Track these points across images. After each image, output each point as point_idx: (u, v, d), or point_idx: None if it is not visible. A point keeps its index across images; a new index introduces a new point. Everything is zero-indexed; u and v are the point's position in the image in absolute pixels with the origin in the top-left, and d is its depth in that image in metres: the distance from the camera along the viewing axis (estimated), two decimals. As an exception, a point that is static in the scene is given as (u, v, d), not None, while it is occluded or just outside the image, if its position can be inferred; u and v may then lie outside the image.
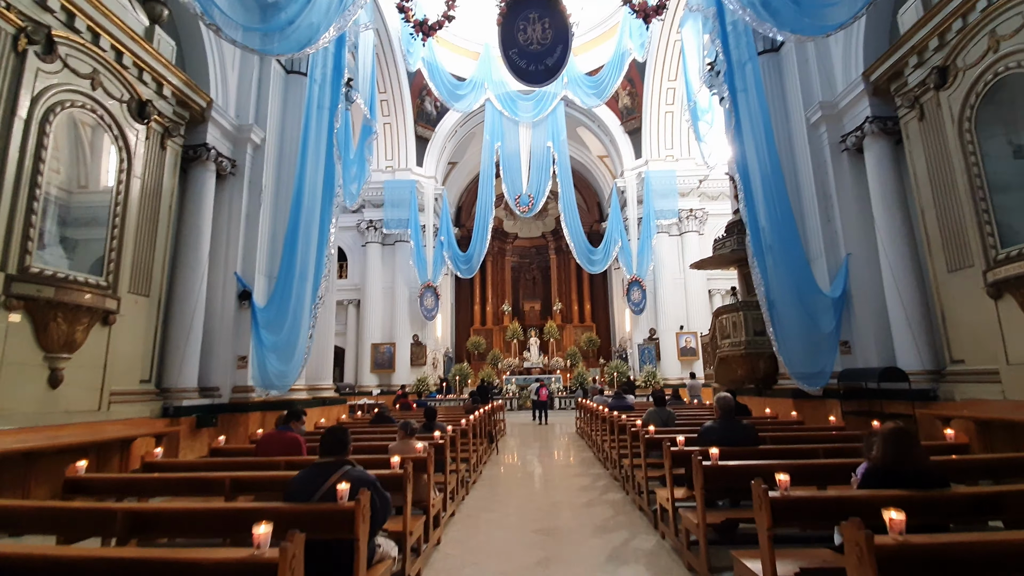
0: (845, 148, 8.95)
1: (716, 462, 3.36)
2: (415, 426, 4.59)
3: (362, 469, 2.67)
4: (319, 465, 2.62)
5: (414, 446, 4.23)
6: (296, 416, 4.90)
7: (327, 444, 2.69)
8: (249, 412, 8.52)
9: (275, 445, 4.57)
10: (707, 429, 4.25)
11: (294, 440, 4.69)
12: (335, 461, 2.63)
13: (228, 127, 8.99)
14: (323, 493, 2.47)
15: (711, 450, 3.42)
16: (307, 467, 2.65)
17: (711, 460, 3.37)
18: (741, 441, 4.07)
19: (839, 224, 8.84)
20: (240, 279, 8.86)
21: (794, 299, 8.59)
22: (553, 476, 7.50)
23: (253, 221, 9.19)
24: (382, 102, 22.13)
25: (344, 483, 2.42)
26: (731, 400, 4.29)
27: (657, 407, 6.51)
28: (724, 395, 4.35)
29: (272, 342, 8.80)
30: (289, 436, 4.71)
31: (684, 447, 4.08)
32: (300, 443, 4.67)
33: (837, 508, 2.31)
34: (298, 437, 4.72)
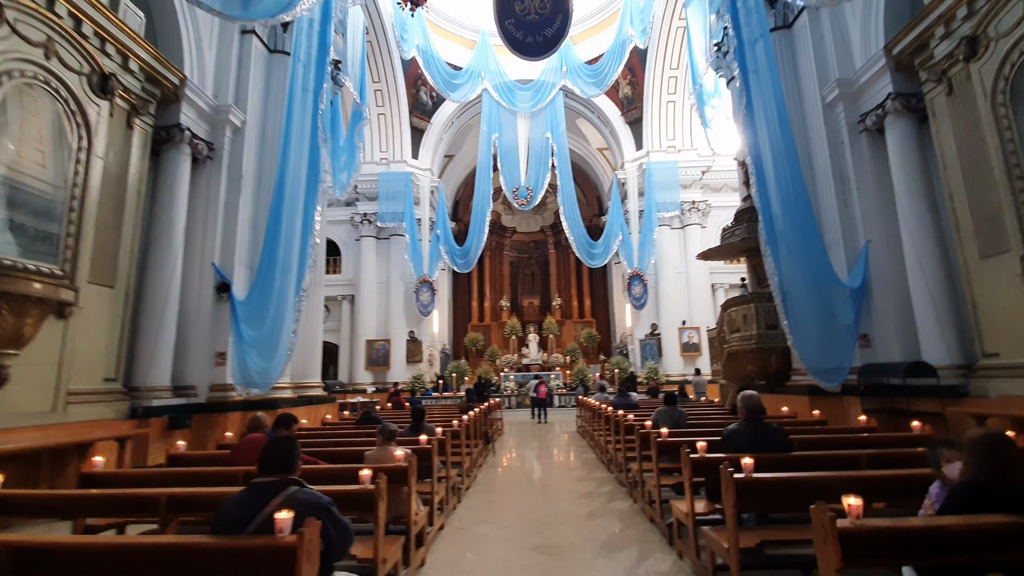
0: (864, 128, 8.38)
1: (750, 474, 2.81)
2: (395, 430, 4.03)
3: (312, 491, 2.10)
4: (256, 487, 2.05)
5: (394, 453, 3.66)
6: (286, 423, 4.31)
7: (267, 459, 2.12)
8: (228, 412, 7.96)
9: (254, 453, 3.98)
10: (732, 432, 3.70)
11: None
12: (277, 481, 2.06)
13: (205, 108, 8.40)
14: (258, 524, 1.91)
15: (744, 460, 2.87)
16: (242, 489, 2.09)
17: (744, 472, 2.82)
18: (771, 447, 3.52)
19: (857, 209, 8.27)
20: (218, 270, 8.28)
21: (810, 289, 8.04)
22: (554, 481, 6.95)
23: (232, 208, 8.61)
24: (376, 91, 21.53)
25: (286, 511, 1.87)
26: (758, 400, 3.74)
27: (667, 406, 5.95)
28: (750, 393, 3.79)
29: (253, 337, 8.23)
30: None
31: (706, 454, 3.53)
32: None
33: (932, 543, 1.76)
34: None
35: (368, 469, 2.92)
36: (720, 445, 3.70)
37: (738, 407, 3.83)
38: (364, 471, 2.91)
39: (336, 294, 21.32)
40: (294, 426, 4.35)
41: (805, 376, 8.51)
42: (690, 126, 21.55)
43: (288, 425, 4.27)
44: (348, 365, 20.74)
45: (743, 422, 3.72)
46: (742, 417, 3.78)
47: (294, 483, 2.08)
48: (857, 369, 7.81)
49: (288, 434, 4.15)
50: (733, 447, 3.56)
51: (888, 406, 7.45)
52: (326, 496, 2.10)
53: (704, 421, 6.47)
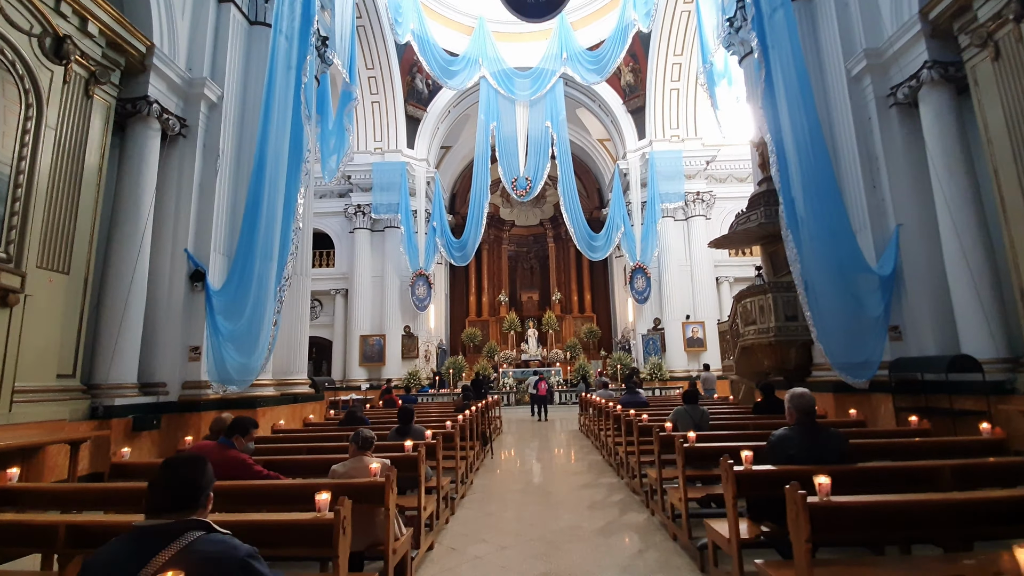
0: (895, 102, 7.72)
1: (827, 497, 2.15)
2: (371, 436, 3.37)
3: (224, 539, 1.42)
4: (142, 532, 1.39)
5: (368, 466, 3.00)
6: (243, 429, 3.64)
7: (157, 492, 1.45)
8: (202, 412, 7.29)
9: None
10: (781, 439, 3.04)
11: (236, 462, 3.41)
12: (170, 525, 1.39)
13: (176, 80, 7.70)
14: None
15: (819, 479, 2.21)
16: (120, 537, 1.42)
17: (820, 494, 2.17)
18: (827, 456, 2.88)
19: (887, 190, 7.62)
20: (191, 257, 7.60)
21: (835, 278, 7.41)
22: (558, 487, 6.29)
23: (208, 190, 7.92)
24: (369, 78, 20.81)
25: (172, 573, 1.22)
26: (812, 399, 3.09)
27: (687, 405, 5.29)
28: (801, 391, 3.14)
29: (230, 330, 7.56)
30: (231, 455, 3.45)
31: (752, 466, 2.88)
32: (245, 465, 3.43)
33: None
34: (243, 458, 3.47)
35: (326, 492, 2.26)
36: (767, 454, 3.05)
37: (787, 409, 3.17)
38: (321, 495, 2.25)
39: (329, 288, 20.68)
40: (252, 432, 3.68)
41: (829, 372, 7.89)
42: (694, 114, 20.90)
43: (245, 431, 3.60)
44: (342, 361, 20.12)
45: (794, 426, 3.07)
46: (791, 420, 3.13)
47: (197, 527, 1.42)
48: (888, 364, 7.17)
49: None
50: (783, 457, 2.92)
51: (923, 404, 6.82)
52: (246, 546, 1.44)
53: (728, 422, 5.80)
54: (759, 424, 5.44)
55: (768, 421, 5.50)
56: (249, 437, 3.60)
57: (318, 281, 20.97)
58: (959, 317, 6.75)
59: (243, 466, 3.36)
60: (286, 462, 3.89)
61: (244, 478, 3.36)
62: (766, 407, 6.17)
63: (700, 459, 3.78)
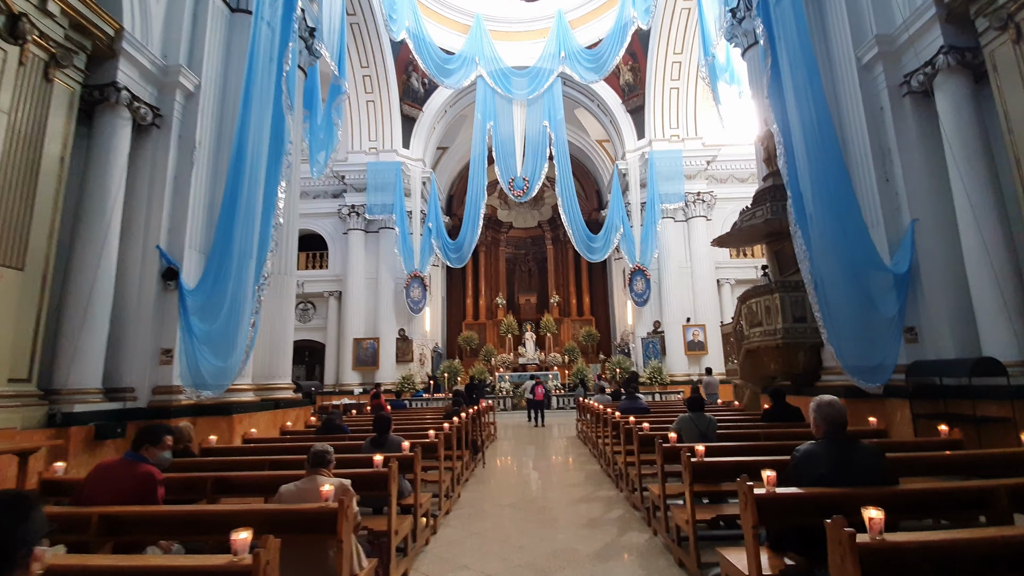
0: (908, 91, 7.31)
1: (880, 536, 1.71)
2: (326, 452, 2.90)
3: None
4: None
5: (320, 489, 2.53)
6: (152, 437, 3.07)
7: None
8: (173, 419, 6.81)
9: (109, 484, 2.83)
10: (807, 456, 2.58)
11: (143, 477, 2.88)
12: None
13: (149, 67, 7.28)
14: None
15: (870, 513, 1.76)
16: None
17: (873, 532, 1.72)
18: (863, 476, 2.43)
19: (901, 183, 7.20)
20: (164, 254, 7.16)
21: (847, 276, 6.98)
22: (552, 502, 5.82)
23: (183, 184, 7.48)
24: (364, 77, 20.46)
25: None
26: (843, 409, 2.64)
27: (693, 413, 4.84)
28: (829, 399, 2.69)
29: (205, 332, 7.12)
30: (141, 471, 2.91)
31: (776, 489, 2.43)
32: (151, 480, 2.87)
33: None
34: (151, 472, 2.92)
35: (246, 532, 1.79)
36: (791, 473, 2.60)
37: (813, 420, 2.73)
38: (239, 534, 1.76)
39: (322, 290, 20.26)
40: (165, 439, 3.14)
41: (840, 376, 7.45)
42: (694, 114, 20.55)
43: (156, 439, 3.05)
44: (335, 365, 19.66)
45: (822, 441, 2.62)
46: (818, 432, 2.69)
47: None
48: (905, 368, 6.73)
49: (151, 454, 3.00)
50: (811, 477, 2.48)
51: (942, 410, 6.39)
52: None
53: (736, 431, 5.34)
54: (771, 434, 4.99)
55: (780, 430, 5.06)
56: (162, 446, 3.09)
57: (311, 283, 20.59)
58: (980, 317, 6.33)
59: (146, 482, 2.85)
60: (242, 479, 3.43)
61: (147, 498, 2.82)
62: (776, 414, 5.74)
63: (710, 475, 3.34)
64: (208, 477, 3.29)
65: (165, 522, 2.47)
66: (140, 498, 2.76)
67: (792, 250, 8.75)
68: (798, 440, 4.94)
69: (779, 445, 4.11)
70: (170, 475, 3.32)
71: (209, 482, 3.28)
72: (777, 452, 3.80)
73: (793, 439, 4.83)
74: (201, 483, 3.28)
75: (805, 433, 5.51)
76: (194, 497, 3.32)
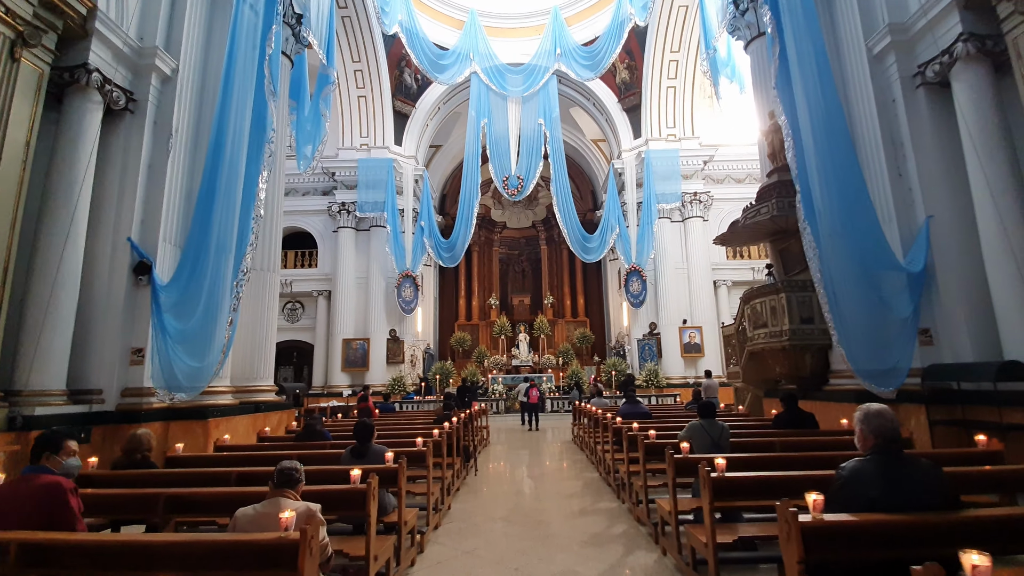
0: (922, 82, 7.01)
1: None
2: (292, 471, 2.48)
3: None
4: None
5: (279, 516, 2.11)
6: (52, 444, 2.69)
7: None
8: (144, 423, 6.37)
9: (12, 507, 2.39)
10: (855, 474, 2.18)
11: (47, 488, 2.47)
12: None
13: (123, 49, 6.83)
14: None
15: (971, 559, 1.39)
16: None
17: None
18: (923, 499, 2.06)
19: (915, 179, 6.90)
20: (136, 247, 6.71)
21: (859, 275, 6.67)
22: (550, 515, 5.40)
23: (158, 173, 7.04)
24: (356, 72, 20.03)
25: None
26: (894, 420, 2.26)
27: (704, 420, 4.46)
28: (879, 408, 2.30)
29: (180, 331, 6.68)
30: (43, 482, 2.51)
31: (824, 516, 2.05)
32: (58, 491, 2.47)
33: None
34: (56, 482, 2.51)
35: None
36: (837, 495, 2.19)
37: (859, 432, 2.35)
38: None
39: (311, 289, 19.79)
40: (67, 444, 2.71)
41: (849, 379, 7.14)
42: (691, 113, 20.28)
43: (57, 446, 2.63)
44: (324, 366, 19.18)
45: (871, 457, 2.24)
46: (865, 446, 2.30)
47: None
48: (920, 371, 6.42)
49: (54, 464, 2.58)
50: (862, 500, 2.10)
51: (960, 417, 6.07)
52: None
53: (748, 440, 4.95)
54: (788, 443, 4.63)
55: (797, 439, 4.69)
56: (65, 452, 2.65)
57: (299, 282, 20.10)
58: (1001, 318, 6.01)
59: (54, 496, 2.44)
60: (201, 497, 2.98)
61: (58, 518, 2.41)
62: (788, 420, 5.38)
63: (732, 492, 2.96)
64: (160, 494, 2.87)
65: (75, 551, 2.04)
66: (51, 515, 2.34)
67: (798, 248, 8.44)
68: (819, 451, 4.56)
69: (803, 457, 3.74)
70: (118, 491, 2.90)
71: (162, 499, 2.85)
72: (801, 465, 3.43)
73: (813, 449, 4.48)
74: (152, 501, 2.86)
75: (825, 443, 5.14)
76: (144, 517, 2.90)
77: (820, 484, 2.44)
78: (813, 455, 3.80)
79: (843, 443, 4.72)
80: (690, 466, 3.45)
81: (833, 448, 4.42)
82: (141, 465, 3.78)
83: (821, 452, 3.81)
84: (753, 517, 3.97)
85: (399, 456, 3.77)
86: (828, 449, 4.39)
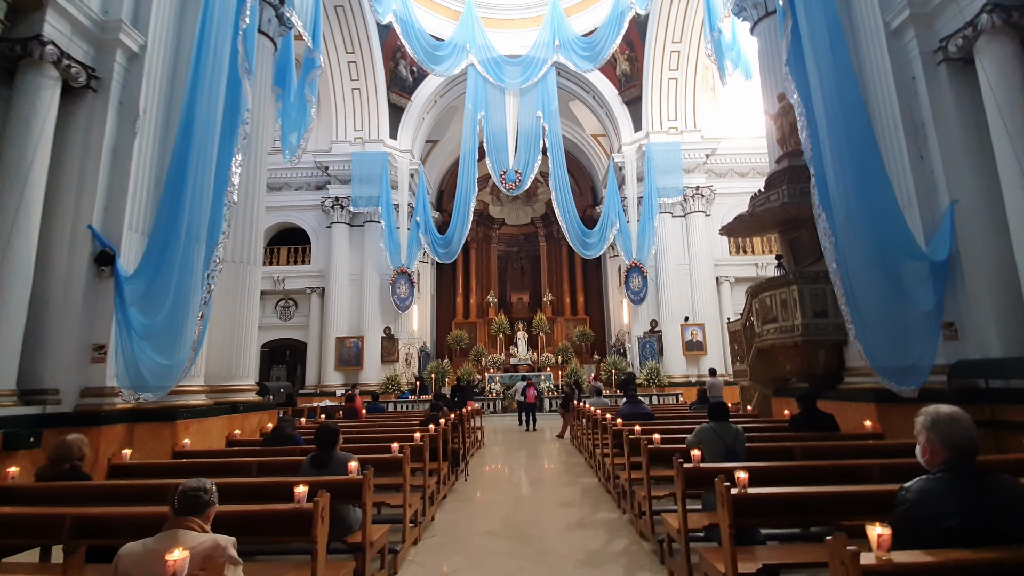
0: (944, 58, 6.51)
1: None
2: (202, 492, 1.97)
3: None
4: None
5: (166, 556, 1.60)
6: None
7: None
8: (104, 425, 5.89)
9: None
10: (923, 496, 1.67)
11: None
12: None
13: (84, 21, 6.35)
14: None
15: None
16: None
17: None
18: (1013, 527, 1.59)
19: (937, 161, 6.40)
20: (98, 235, 6.22)
21: (878, 264, 6.18)
22: (543, 526, 4.90)
23: (123, 156, 6.55)
24: (350, 63, 19.54)
25: None
26: (972, 429, 1.76)
27: (716, 423, 3.94)
28: (949, 412, 1.80)
29: (146, 326, 6.19)
30: None
31: (893, 557, 1.56)
32: None
33: None
34: None
35: None
36: (900, 524, 1.72)
37: (925, 443, 1.85)
38: None
39: (304, 286, 19.29)
40: None
41: (867, 377, 6.64)
42: (693, 106, 19.78)
43: None
44: (317, 365, 18.71)
45: (942, 475, 1.74)
46: (934, 461, 1.81)
47: None
48: (946, 368, 5.92)
49: None
50: (934, 531, 1.61)
51: (988, 416, 5.58)
52: None
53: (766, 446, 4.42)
54: (808, 448, 4.12)
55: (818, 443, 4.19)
56: None
57: (292, 279, 19.60)
58: (1034, 310, 5.52)
59: None
60: (113, 519, 2.45)
61: None
62: (805, 422, 4.88)
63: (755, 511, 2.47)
64: (66, 515, 2.38)
65: None
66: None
67: (809, 238, 7.96)
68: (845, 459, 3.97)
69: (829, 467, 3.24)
70: (18, 510, 2.40)
71: (67, 521, 2.37)
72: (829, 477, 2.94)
73: (838, 456, 3.98)
74: (56, 522, 2.37)
75: (850, 448, 4.59)
76: (47, 543, 2.41)
77: (863, 504, 1.95)
78: (840, 464, 3.30)
79: (870, 449, 4.21)
80: (702, 477, 2.97)
81: (860, 455, 3.93)
82: (69, 477, 3.28)
83: (849, 461, 3.31)
84: (771, 534, 3.49)
85: (366, 465, 3.27)
86: (854, 456, 3.89)
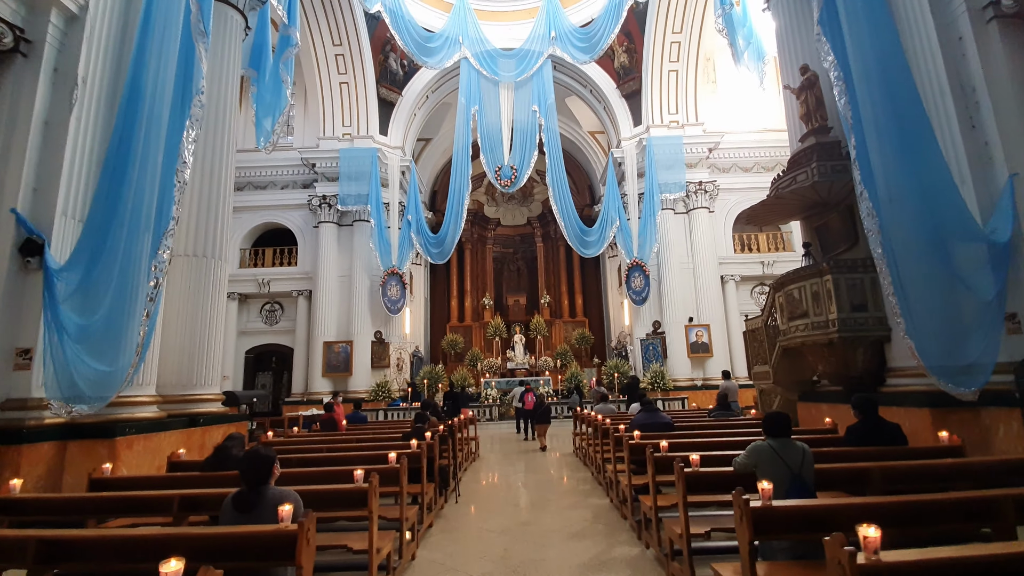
0: (995, 15, 5.72)
1: None
2: None
3: None
4: None
5: None
6: None
7: None
8: (26, 443, 4.98)
9: None
10: None
11: None
12: None
13: (10, -25, 5.47)
14: None
15: None
16: None
17: None
18: None
19: (992, 130, 5.59)
20: (23, 220, 5.33)
21: (929, 248, 5.35)
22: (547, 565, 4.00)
23: (58, 130, 5.68)
24: (337, 56, 18.74)
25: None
26: None
27: (775, 440, 3.01)
28: None
29: (81, 327, 5.28)
30: None
31: None
32: None
33: None
34: None
35: None
36: None
37: None
38: None
39: (291, 289, 18.38)
40: None
41: (915, 379, 5.82)
42: (695, 99, 19.04)
43: None
44: (304, 372, 17.78)
45: None
46: None
47: None
48: (1012, 367, 5.09)
49: None
50: None
51: (1067, 424, 4.75)
52: None
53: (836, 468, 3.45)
54: (888, 469, 3.23)
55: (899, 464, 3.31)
56: None
57: (278, 281, 18.67)
58: (1124, 298, 4.69)
59: None
60: None
61: None
62: (866, 433, 4.02)
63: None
64: None
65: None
66: None
67: (840, 224, 7.15)
68: (934, 485, 3.01)
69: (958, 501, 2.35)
70: None
71: None
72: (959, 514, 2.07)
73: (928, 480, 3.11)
74: None
75: (942, 470, 3.60)
76: None
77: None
78: (965, 497, 2.39)
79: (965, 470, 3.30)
80: (774, 521, 2.10)
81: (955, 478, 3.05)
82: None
83: (972, 492, 2.38)
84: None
85: (305, 508, 2.37)
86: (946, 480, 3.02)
